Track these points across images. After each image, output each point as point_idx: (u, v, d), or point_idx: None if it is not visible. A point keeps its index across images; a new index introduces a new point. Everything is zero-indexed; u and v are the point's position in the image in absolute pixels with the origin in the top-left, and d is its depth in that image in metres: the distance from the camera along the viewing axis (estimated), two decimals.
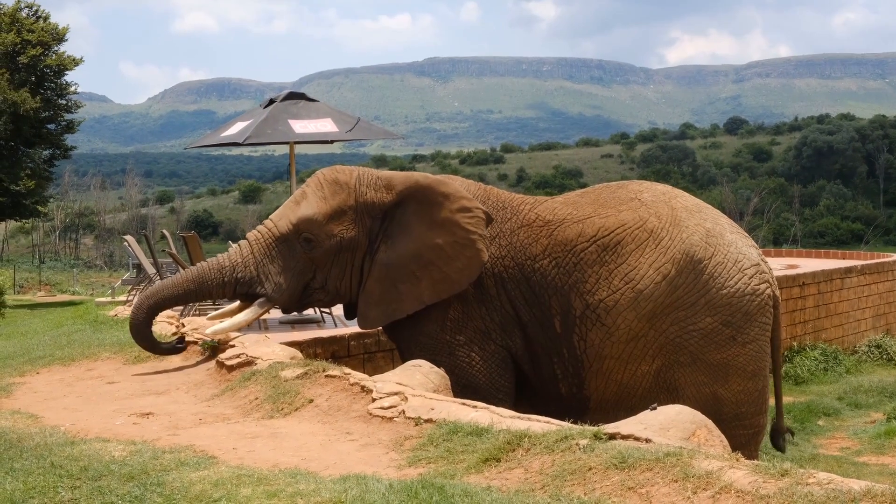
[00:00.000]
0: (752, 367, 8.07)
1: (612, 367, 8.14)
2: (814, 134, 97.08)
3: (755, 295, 7.99)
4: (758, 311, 8.01)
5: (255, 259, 8.42)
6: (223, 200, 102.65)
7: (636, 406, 7.51)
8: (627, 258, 8.03)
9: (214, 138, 13.30)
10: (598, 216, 8.24)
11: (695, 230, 8.04)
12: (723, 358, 7.96)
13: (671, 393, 8.05)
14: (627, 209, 8.23)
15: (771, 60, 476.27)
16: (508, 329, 8.33)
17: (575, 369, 8.24)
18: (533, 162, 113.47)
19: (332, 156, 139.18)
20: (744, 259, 8.03)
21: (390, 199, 8.47)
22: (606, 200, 8.38)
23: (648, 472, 4.28)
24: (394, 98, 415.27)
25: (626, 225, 8.12)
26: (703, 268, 7.92)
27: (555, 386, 8.37)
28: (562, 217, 8.33)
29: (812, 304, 16.80)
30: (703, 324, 7.91)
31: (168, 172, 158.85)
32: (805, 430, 12.47)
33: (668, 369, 8.06)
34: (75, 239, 75.20)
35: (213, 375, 8.10)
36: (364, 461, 5.34)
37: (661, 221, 8.09)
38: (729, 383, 8.00)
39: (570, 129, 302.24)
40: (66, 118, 29.60)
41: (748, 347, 7.99)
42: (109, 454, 5.53)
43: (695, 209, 8.27)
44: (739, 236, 8.26)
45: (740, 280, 7.94)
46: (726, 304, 7.90)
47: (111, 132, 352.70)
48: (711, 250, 7.97)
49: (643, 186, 8.55)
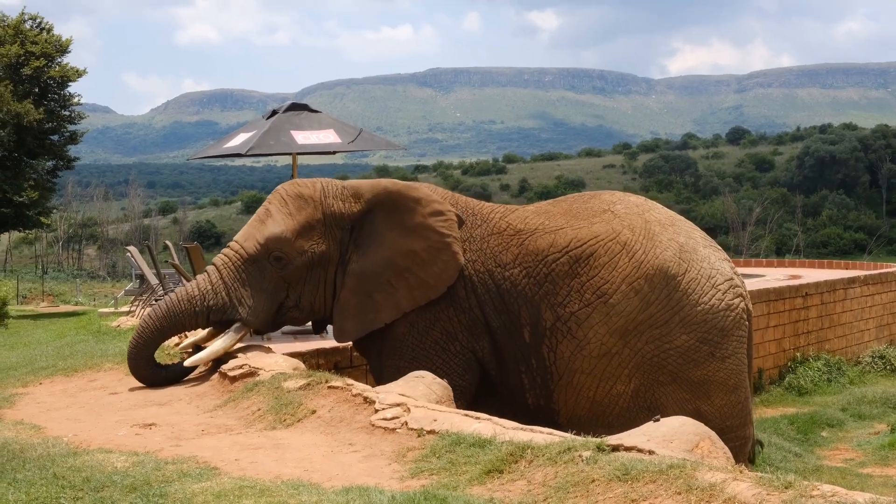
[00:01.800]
0: (733, 381, 8.04)
1: (582, 381, 8.07)
2: (816, 144, 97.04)
3: (730, 310, 7.95)
4: (733, 325, 7.98)
5: (224, 284, 8.28)
6: (226, 211, 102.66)
7: (613, 424, 7.53)
8: (600, 271, 7.97)
9: (217, 149, 13.32)
10: (570, 227, 8.18)
11: (668, 245, 7.98)
12: (703, 375, 7.91)
13: (652, 412, 7.85)
14: (600, 221, 8.17)
15: (773, 70, 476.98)
16: (475, 332, 8.28)
17: (543, 381, 8.18)
18: (535, 172, 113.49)
19: (333, 166, 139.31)
20: (717, 274, 7.98)
21: (359, 209, 8.44)
22: (579, 211, 8.33)
23: (651, 484, 4.27)
24: (396, 109, 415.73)
25: (598, 237, 8.06)
26: (676, 284, 7.87)
27: (522, 396, 8.30)
28: (533, 227, 8.29)
29: (815, 315, 16.77)
30: (680, 342, 7.85)
31: (171, 183, 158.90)
32: (808, 442, 12.44)
33: (647, 389, 8.00)
34: (78, 249, 75.24)
35: (216, 386, 8.09)
36: (367, 472, 5.33)
37: (634, 234, 8.03)
38: (711, 399, 7.95)
39: (572, 140, 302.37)
40: (69, 129, 29.60)
41: (727, 362, 7.96)
42: (112, 465, 5.52)
43: (668, 222, 8.21)
44: (713, 250, 8.21)
45: (714, 296, 7.89)
46: (701, 322, 7.86)
47: (114, 143, 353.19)
48: (685, 266, 7.91)
49: (616, 197, 8.47)
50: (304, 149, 12.11)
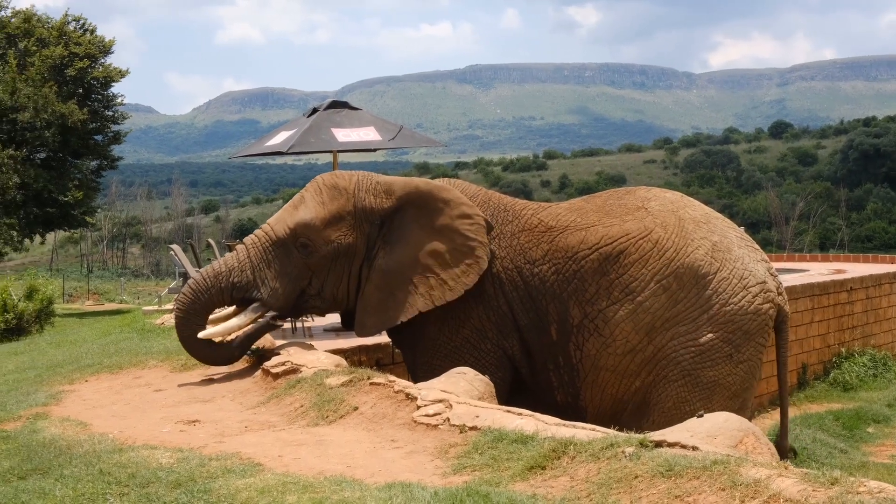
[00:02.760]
0: (738, 387, 7.89)
1: (607, 379, 8.04)
2: (860, 137, 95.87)
3: (757, 314, 7.81)
4: (757, 330, 7.85)
5: (251, 263, 8.36)
6: (268, 209, 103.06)
7: (626, 422, 7.38)
8: (630, 269, 7.90)
9: (258, 148, 13.38)
10: (601, 224, 8.12)
11: (701, 243, 7.87)
12: (714, 375, 7.78)
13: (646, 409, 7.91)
14: (633, 218, 8.09)
15: (815, 63, 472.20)
16: (505, 330, 8.26)
17: (570, 378, 8.16)
18: (576, 168, 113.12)
19: (374, 164, 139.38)
20: (749, 276, 7.84)
21: (389, 205, 8.43)
22: (612, 208, 8.26)
23: (695, 480, 4.24)
24: (436, 106, 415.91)
25: (629, 234, 7.98)
26: (706, 283, 7.76)
27: (551, 394, 8.29)
28: (565, 224, 8.24)
29: (860, 310, 16.59)
30: (704, 339, 7.75)
31: (213, 182, 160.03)
32: (854, 438, 12.32)
33: (655, 385, 7.91)
34: (122, 248, 76.02)
35: (259, 383, 8.13)
36: (409, 469, 5.34)
37: (666, 232, 7.94)
38: (713, 402, 7.69)
39: (612, 135, 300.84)
40: (112, 129, 29.91)
41: (740, 367, 7.82)
42: (157, 461, 5.58)
43: (703, 220, 8.08)
44: (748, 250, 8.06)
45: (744, 298, 7.77)
46: (728, 321, 7.74)
47: (157, 142, 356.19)
48: (717, 265, 7.80)
49: (651, 194, 8.38)
50: (345, 146, 12.13)
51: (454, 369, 7.33)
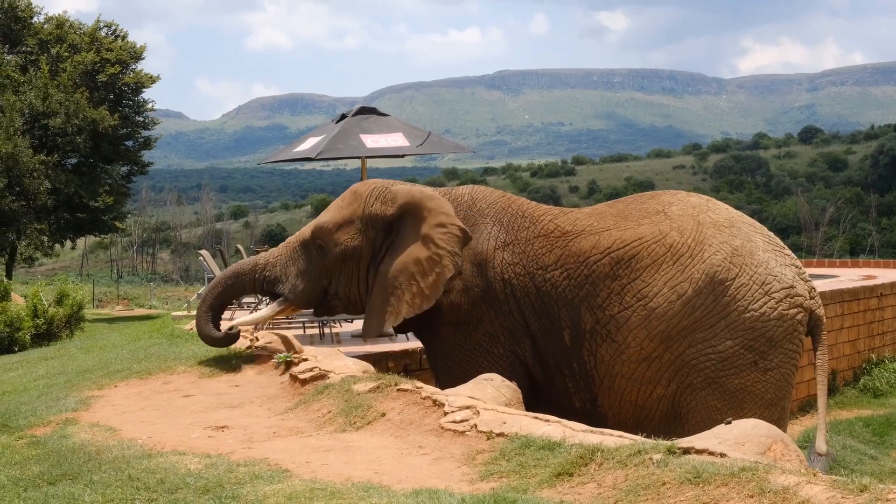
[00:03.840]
0: (771, 396, 7.71)
1: (623, 385, 7.96)
2: (891, 142, 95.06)
3: (781, 320, 7.62)
4: (784, 337, 7.65)
5: (282, 260, 8.91)
6: (296, 215, 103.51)
7: (656, 430, 7.40)
8: (641, 274, 7.82)
9: (287, 153, 13.43)
10: (616, 228, 8.06)
11: (719, 248, 7.73)
12: (741, 383, 7.63)
13: (680, 417, 7.81)
14: (649, 222, 8.01)
15: (846, 68, 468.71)
16: (516, 335, 8.30)
17: (586, 384, 8.12)
18: (604, 174, 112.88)
19: (402, 169, 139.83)
20: (773, 281, 7.66)
21: (391, 213, 8.67)
22: (631, 213, 8.20)
23: (724, 487, 4.22)
24: (464, 111, 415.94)
25: (643, 239, 7.91)
26: (724, 289, 7.62)
27: (569, 399, 8.27)
28: (580, 228, 8.22)
29: (891, 316, 16.46)
30: (723, 347, 7.61)
31: (242, 187, 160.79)
32: (884, 444, 12.22)
33: (681, 393, 7.81)
34: (152, 254, 76.50)
35: (287, 389, 8.16)
36: (436, 475, 5.35)
37: (682, 237, 7.83)
38: (744, 411, 7.53)
39: (641, 141, 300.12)
40: (143, 135, 30.12)
41: (769, 374, 7.65)
42: (185, 467, 5.61)
43: (725, 224, 7.92)
44: (774, 255, 7.85)
45: (766, 304, 7.60)
46: (749, 329, 7.58)
47: (187, 148, 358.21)
48: (736, 271, 7.64)
49: (675, 198, 8.27)
50: (373, 152, 12.16)
51: (481, 375, 7.34)
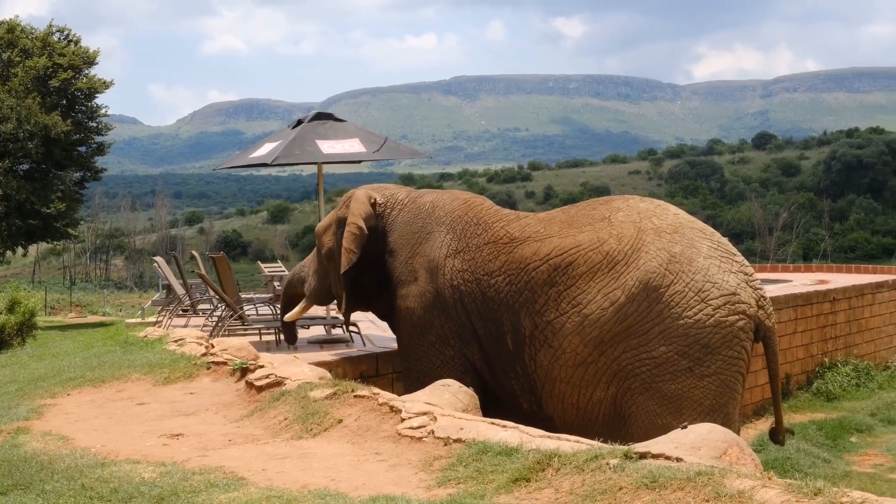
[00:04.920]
0: (711, 402, 7.65)
1: (563, 389, 8.08)
2: (843, 148, 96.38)
3: (719, 327, 7.55)
4: (721, 343, 7.57)
5: (308, 262, 10.28)
6: (252, 220, 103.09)
7: (601, 431, 7.44)
8: (577, 281, 7.89)
9: (243, 159, 13.34)
10: (557, 235, 8.16)
11: (656, 255, 7.71)
12: (677, 389, 7.62)
13: (623, 420, 7.87)
14: (591, 229, 8.05)
15: (798, 75, 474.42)
16: (465, 339, 8.57)
17: (530, 388, 8.28)
18: (560, 179, 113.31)
19: (359, 175, 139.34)
20: (711, 288, 7.58)
21: (342, 215, 9.61)
22: (577, 219, 8.27)
23: (680, 491, 4.24)
24: (421, 117, 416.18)
25: (580, 246, 7.98)
26: (658, 296, 7.60)
27: (516, 401, 8.46)
28: (527, 235, 8.35)
29: (843, 320, 16.65)
30: (657, 353, 7.62)
31: (197, 193, 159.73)
32: (837, 447, 12.34)
33: (622, 396, 7.86)
34: (106, 260, 75.74)
35: (243, 396, 8.11)
36: (393, 482, 5.33)
37: (620, 244, 7.85)
38: (683, 416, 7.53)
39: (597, 146, 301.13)
40: (96, 140, 29.76)
41: (707, 381, 7.60)
42: (139, 476, 5.55)
43: (668, 230, 7.87)
44: (717, 261, 7.74)
45: (702, 311, 7.54)
46: (683, 335, 7.55)
47: (141, 154, 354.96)
48: (671, 277, 7.61)
49: (626, 204, 8.27)
50: (330, 158, 12.11)
51: (438, 381, 7.35)
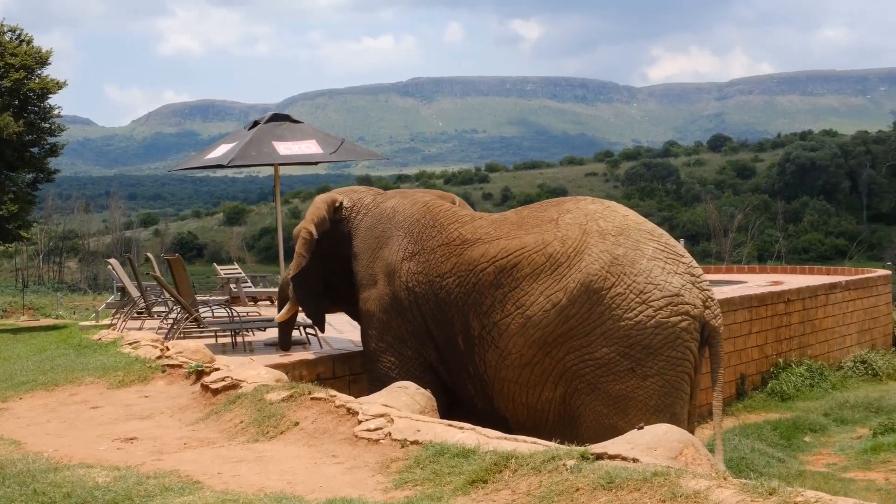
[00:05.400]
0: (655, 402, 7.68)
1: (511, 389, 8.18)
2: (797, 150, 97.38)
3: (660, 328, 7.59)
4: (663, 344, 7.61)
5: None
6: (208, 222, 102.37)
7: (553, 431, 7.60)
8: (521, 282, 7.98)
9: (199, 161, 13.25)
10: (505, 237, 8.25)
11: (598, 257, 7.76)
12: (621, 389, 7.67)
13: (573, 420, 7.93)
14: (538, 231, 8.13)
15: (753, 78, 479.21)
16: (422, 340, 8.73)
17: (482, 387, 8.39)
18: (518, 181, 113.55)
19: (316, 176, 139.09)
20: (653, 289, 7.62)
21: None
22: (527, 221, 8.35)
23: (636, 492, 4.26)
24: (378, 118, 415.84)
25: (525, 248, 8.06)
26: (599, 298, 7.66)
27: (472, 401, 8.59)
28: (477, 237, 8.45)
29: (797, 321, 16.81)
30: (600, 354, 7.68)
31: (152, 195, 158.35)
32: (791, 447, 12.44)
33: (570, 397, 7.93)
34: (59, 262, 74.88)
35: (198, 399, 8.05)
36: (350, 484, 5.31)
37: (563, 246, 7.91)
38: (628, 416, 7.62)
39: (554, 148, 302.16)
40: (49, 141, 29.42)
41: (650, 381, 7.64)
42: (93, 480, 5.48)
43: (613, 232, 7.91)
44: (661, 263, 7.76)
45: (643, 312, 7.58)
46: (624, 336, 7.60)
47: (95, 155, 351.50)
48: (612, 280, 7.66)
49: (576, 205, 8.32)
50: (287, 160, 12.07)
51: (395, 383, 7.37)
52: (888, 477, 10.42)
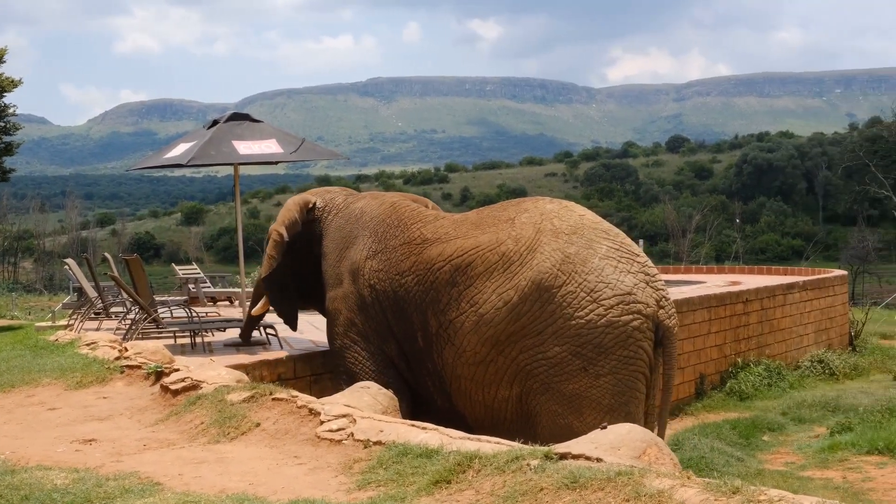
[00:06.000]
0: (609, 401, 7.70)
1: (468, 387, 8.24)
2: (754, 152, 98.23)
3: (611, 327, 7.60)
4: (615, 343, 7.63)
5: None
6: (165, 222, 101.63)
7: (511, 430, 7.70)
8: (475, 281, 8.07)
9: (157, 160, 13.12)
10: (463, 237, 8.35)
11: (550, 256, 7.79)
12: (575, 389, 7.69)
13: (530, 419, 7.96)
14: (493, 230, 8.21)
15: (711, 79, 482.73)
16: (384, 337, 8.84)
17: (441, 384, 8.49)
18: (477, 181, 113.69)
19: (275, 176, 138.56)
20: (604, 288, 7.64)
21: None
22: (485, 220, 8.44)
23: (600, 491, 4.26)
24: (337, 118, 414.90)
25: (479, 247, 8.15)
26: (550, 296, 7.69)
27: (432, 398, 8.69)
28: (437, 236, 8.55)
29: (756, 321, 16.93)
30: (552, 353, 7.70)
31: (109, 194, 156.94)
32: (750, 446, 12.52)
33: (525, 396, 7.97)
34: (14, 263, 74.01)
35: (158, 400, 7.97)
36: (313, 485, 5.28)
37: (517, 245, 7.97)
38: (583, 416, 7.65)
39: (513, 148, 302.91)
40: (4, 140, 29.11)
41: (602, 380, 7.66)
42: (51, 482, 5.41)
43: (567, 231, 7.94)
44: (615, 262, 7.79)
45: (594, 311, 7.60)
46: (575, 335, 7.62)
47: (51, 154, 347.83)
48: (564, 278, 7.69)
49: (534, 205, 8.37)
50: (247, 159, 11.98)
51: (358, 384, 7.37)
52: (845, 475, 10.51)
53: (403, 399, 8.31)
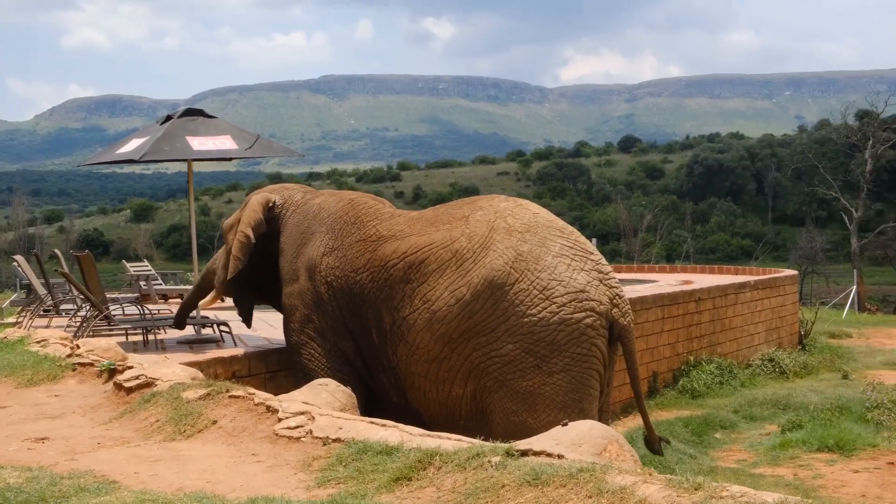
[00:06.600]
0: (563, 399, 7.72)
1: (422, 384, 8.30)
2: (704, 152, 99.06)
3: (564, 324, 7.64)
4: (568, 341, 7.67)
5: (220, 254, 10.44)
6: (114, 219, 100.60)
7: (466, 427, 7.73)
8: (428, 278, 8.11)
9: (109, 155, 12.96)
10: (417, 234, 8.39)
11: (503, 253, 7.83)
12: (528, 386, 7.72)
13: (484, 417, 8.00)
14: (446, 228, 8.26)
15: (662, 80, 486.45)
16: (340, 333, 8.85)
17: (395, 381, 8.54)
18: (430, 180, 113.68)
19: (227, 173, 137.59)
20: (556, 286, 7.68)
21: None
22: (440, 218, 8.49)
23: (562, 488, 4.26)
24: (289, 115, 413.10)
25: (433, 244, 8.20)
26: (503, 294, 7.73)
27: (387, 394, 8.73)
28: (392, 233, 8.59)
29: (708, 319, 17.07)
30: (505, 350, 7.74)
31: (56, 191, 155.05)
32: (702, 443, 12.63)
33: (479, 394, 8.00)
34: None
35: (111, 398, 7.88)
36: (272, 483, 5.24)
37: (470, 243, 8.01)
38: (537, 413, 7.69)
39: (466, 147, 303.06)
40: None
41: (556, 377, 7.69)
42: (4, 481, 5.32)
43: (520, 229, 7.98)
44: (568, 260, 7.84)
45: (546, 308, 7.64)
46: (528, 333, 7.66)
47: None
48: (516, 276, 7.73)
49: (489, 203, 8.40)
50: (201, 155, 11.87)
51: (316, 380, 7.32)
52: (796, 472, 10.63)
53: (359, 396, 8.26)
